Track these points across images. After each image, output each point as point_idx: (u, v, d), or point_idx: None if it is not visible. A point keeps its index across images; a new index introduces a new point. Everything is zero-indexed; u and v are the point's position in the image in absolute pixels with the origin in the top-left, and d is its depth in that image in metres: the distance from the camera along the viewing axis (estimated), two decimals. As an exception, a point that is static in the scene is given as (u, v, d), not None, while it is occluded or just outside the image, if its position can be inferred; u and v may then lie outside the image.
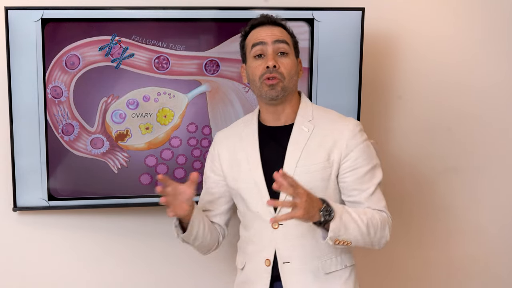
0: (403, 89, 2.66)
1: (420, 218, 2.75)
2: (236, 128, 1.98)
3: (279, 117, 1.89)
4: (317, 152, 1.82)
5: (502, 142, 2.77)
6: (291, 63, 1.84)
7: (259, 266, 1.86)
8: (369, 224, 1.76)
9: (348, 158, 1.82)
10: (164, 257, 2.55)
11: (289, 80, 1.83)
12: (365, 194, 1.83)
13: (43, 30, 2.24)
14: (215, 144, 1.99)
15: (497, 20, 2.69)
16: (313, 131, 1.85)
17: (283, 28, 1.88)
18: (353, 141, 1.83)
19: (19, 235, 2.43)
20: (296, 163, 1.82)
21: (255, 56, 1.85)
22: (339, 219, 1.70)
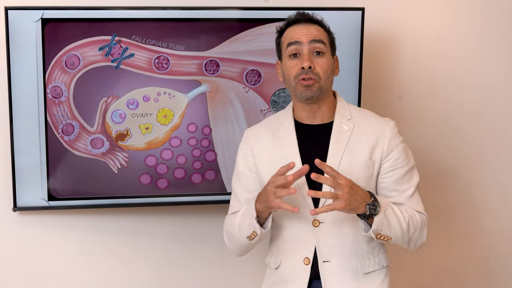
0: (403, 89, 2.66)
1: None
2: (269, 126, 1.93)
3: (315, 115, 1.87)
4: (359, 150, 1.82)
5: (503, 142, 2.77)
6: (327, 62, 1.82)
7: (297, 264, 1.84)
8: (410, 223, 1.78)
9: (389, 157, 1.83)
10: (164, 257, 2.55)
11: (325, 80, 1.81)
12: (405, 195, 1.84)
13: (43, 30, 2.24)
14: (246, 140, 1.94)
15: (497, 19, 2.69)
16: (353, 129, 1.84)
17: (320, 25, 1.86)
18: (394, 141, 1.84)
19: (19, 235, 2.43)
20: (339, 162, 1.80)
21: (290, 55, 1.82)
22: (383, 213, 1.71)
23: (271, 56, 2.38)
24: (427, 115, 2.69)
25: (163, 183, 2.40)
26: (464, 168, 2.76)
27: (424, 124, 2.70)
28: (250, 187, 1.92)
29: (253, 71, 2.40)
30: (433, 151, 2.73)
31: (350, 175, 1.77)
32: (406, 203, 1.84)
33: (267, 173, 1.86)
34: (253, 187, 1.92)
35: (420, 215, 1.84)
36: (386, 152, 1.83)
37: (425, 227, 1.84)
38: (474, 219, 2.81)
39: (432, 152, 2.72)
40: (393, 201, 1.84)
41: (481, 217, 2.81)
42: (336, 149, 1.82)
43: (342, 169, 1.79)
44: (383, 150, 1.83)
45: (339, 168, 1.79)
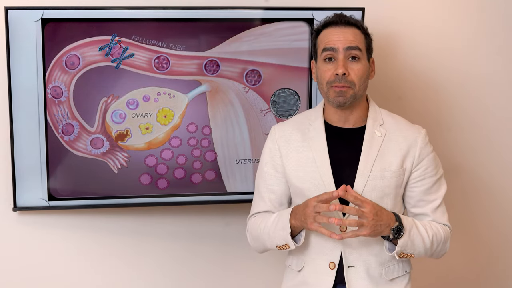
0: (403, 90, 2.66)
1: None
2: (298, 124, 1.91)
3: (347, 119, 1.85)
4: (391, 158, 1.81)
5: (503, 143, 2.77)
6: (362, 68, 1.80)
7: (321, 268, 1.83)
8: (434, 239, 1.79)
9: (419, 167, 1.83)
10: (164, 257, 2.55)
11: (359, 87, 1.80)
12: (432, 206, 1.85)
13: (43, 30, 2.24)
14: (274, 138, 1.92)
15: (497, 19, 2.69)
16: (385, 136, 1.83)
17: (357, 27, 1.83)
18: (425, 150, 1.84)
19: (19, 235, 2.43)
20: (371, 168, 1.79)
21: (325, 59, 1.80)
22: (408, 234, 1.72)
23: (271, 56, 2.39)
24: (427, 115, 2.69)
25: (163, 183, 2.40)
26: (465, 169, 2.76)
27: (424, 124, 2.67)
28: (274, 187, 1.91)
29: (253, 71, 2.40)
30: (434, 151, 2.72)
31: (381, 183, 1.77)
32: (431, 215, 1.85)
33: (294, 174, 1.85)
34: (278, 187, 1.90)
35: (444, 228, 1.85)
36: (417, 161, 1.83)
37: (448, 239, 1.86)
38: (475, 219, 2.81)
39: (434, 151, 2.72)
40: (419, 212, 1.85)
41: (482, 218, 2.81)
42: (368, 155, 1.80)
43: (373, 176, 1.78)
44: (414, 159, 1.83)
45: (370, 174, 1.78)
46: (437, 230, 1.83)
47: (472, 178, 2.77)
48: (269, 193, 1.92)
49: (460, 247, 2.81)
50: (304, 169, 1.83)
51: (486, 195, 2.79)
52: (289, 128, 1.92)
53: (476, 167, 2.76)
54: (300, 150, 1.86)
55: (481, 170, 2.77)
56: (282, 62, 2.40)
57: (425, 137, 1.86)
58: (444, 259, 2.77)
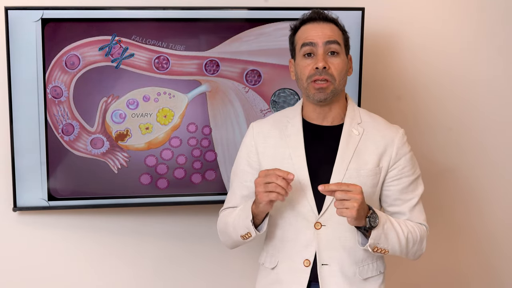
0: (403, 90, 2.66)
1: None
2: (277, 122, 1.90)
3: (325, 117, 1.85)
4: (368, 156, 1.81)
5: (503, 142, 2.77)
6: (341, 63, 1.80)
7: (296, 266, 1.82)
8: (409, 236, 1.78)
9: (396, 166, 1.83)
10: (164, 256, 2.55)
11: (339, 81, 1.79)
12: (408, 205, 1.84)
13: (43, 30, 2.24)
14: (251, 135, 1.91)
15: (497, 19, 2.69)
16: (362, 134, 1.83)
17: (335, 24, 1.83)
18: (402, 149, 1.83)
19: (19, 235, 2.43)
20: (347, 166, 1.79)
21: (304, 55, 1.80)
22: (382, 227, 1.71)
23: (271, 56, 2.39)
24: (427, 115, 2.69)
25: (163, 183, 2.40)
26: (465, 169, 2.76)
27: (424, 124, 2.70)
28: (247, 183, 1.90)
29: (253, 71, 2.40)
30: (433, 151, 2.73)
31: (357, 181, 1.77)
32: (408, 214, 1.84)
33: None
34: (251, 183, 1.88)
35: (421, 227, 1.84)
36: (393, 160, 1.83)
37: (425, 239, 1.85)
38: (474, 219, 2.81)
39: (433, 152, 2.73)
40: (396, 210, 1.84)
41: (481, 217, 2.81)
42: (344, 153, 1.80)
43: (349, 174, 1.78)
44: (391, 158, 1.82)
45: (346, 172, 1.78)
46: (413, 228, 1.80)
47: (472, 178, 2.77)
48: (241, 189, 1.91)
49: (461, 247, 2.81)
50: (280, 166, 1.81)
51: (485, 195, 2.79)
52: (267, 125, 1.92)
53: (476, 167, 2.76)
54: (277, 147, 1.86)
55: (480, 170, 2.77)
56: (282, 62, 2.40)
57: (402, 137, 1.85)
58: (438, 259, 2.78)
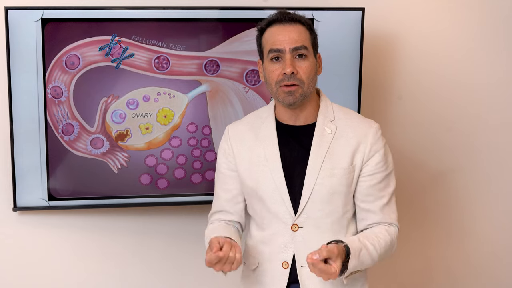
0: (403, 90, 2.66)
1: (420, 218, 2.74)
2: (251, 123, 1.89)
3: (298, 117, 1.83)
4: (341, 155, 1.78)
5: (503, 142, 2.77)
6: (310, 65, 1.77)
7: (275, 268, 1.81)
8: (382, 252, 1.77)
9: (370, 162, 1.80)
10: (164, 256, 2.55)
11: (308, 85, 1.76)
12: (380, 203, 1.80)
13: (43, 30, 2.24)
14: (227, 138, 1.90)
15: (497, 19, 2.69)
16: (335, 132, 1.80)
17: (302, 23, 1.79)
18: (376, 145, 1.80)
19: (19, 235, 2.43)
20: (320, 166, 1.77)
21: (272, 59, 1.78)
22: (357, 259, 1.69)
23: (271, 56, 2.38)
24: (427, 115, 2.69)
25: (163, 183, 2.40)
26: (465, 169, 2.75)
27: (424, 124, 2.70)
28: (229, 186, 1.90)
29: (253, 71, 2.40)
30: (433, 151, 2.72)
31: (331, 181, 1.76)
32: (379, 213, 1.80)
33: (247, 173, 1.84)
34: (233, 186, 1.89)
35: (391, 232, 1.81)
36: (367, 157, 1.79)
37: (395, 244, 1.82)
38: (475, 219, 2.81)
39: (433, 152, 2.72)
40: (367, 207, 1.80)
41: (482, 217, 2.81)
42: (317, 153, 1.78)
43: (323, 174, 1.77)
44: (364, 155, 1.79)
45: (320, 172, 1.77)
46: (385, 241, 1.77)
47: (471, 178, 2.77)
48: (224, 193, 1.91)
49: (460, 247, 2.81)
50: (256, 168, 1.82)
51: (486, 195, 2.79)
52: (242, 127, 1.90)
53: (476, 167, 2.76)
54: (252, 149, 1.85)
55: (481, 170, 2.77)
56: (282, 62, 2.40)
57: (376, 131, 1.81)
58: (441, 258, 2.78)
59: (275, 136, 1.82)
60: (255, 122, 1.88)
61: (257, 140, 1.84)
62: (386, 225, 1.81)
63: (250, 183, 1.83)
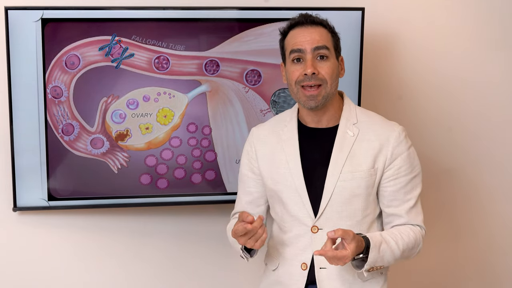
0: (403, 89, 2.66)
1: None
2: (274, 126, 1.91)
3: (320, 120, 1.83)
4: (362, 158, 1.78)
5: (504, 143, 2.77)
6: (331, 66, 1.77)
7: (294, 269, 1.82)
8: (405, 248, 1.76)
9: (392, 166, 1.79)
10: (164, 256, 2.55)
11: (331, 85, 1.77)
12: (406, 207, 1.80)
13: (43, 30, 2.24)
14: (251, 141, 1.92)
15: (498, 19, 2.69)
16: (358, 135, 1.80)
17: (324, 26, 1.80)
18: (398, 148, 1.79)
19: (19, 235, 2.43)
20: (340, 169, 1.77)
21: (293, 60, 1.78)
22: (377, 251, 1.69)
23: (271, 56, 2.38)
24: (428, 115, 2.69)
25: (163, 183, 2.40)
26: (465, 169, 2.75)
27: (424, 123, 2.70)
28: (251, 189, 1.92)
29: (253, 71, 2.40)
30: (434, 151, 2.72)
31: (351, 184, 1.76)
32: (406, 217, 1.80)
33: (269, 175, 1.86)
34: (255, 189, 1.91)
35: (416, 231, 1.81)
36: (389, 160, 1.79)
37: (421, 243, 1.82)
38: (474, 219, 2.81)
39: (433, 152, 2.72)
40: (393, 212, 1.80)
41: (481, 217, 2.81)
42: (338, 156, 1.79)
43: (344, 176, 1.77)
44: (386, 158, 1.79)
45: (341, 175, 1.77)
46: (408, 238, 1.77)
47: (472, 178, 2.77)
48: (245, 195, 1.94)
49: (459, 248, 2.81)
50: (277, 171, 1.83)
51: (486, 195, 2.79)
52: (265, 130, 1.92)
53: (476, 167, 2.76)
54: (275, 152, 1.86)
55: (481, 170, 2.77)
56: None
57: (399, 134, 1.80)
58: (441, 260, 2.78)
59: (296, 138, 1.83)
60: (278, 125, 1.89)
61: (279, 143, 1.85)
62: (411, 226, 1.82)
63: (271, 185, 1.85)
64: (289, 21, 1.84)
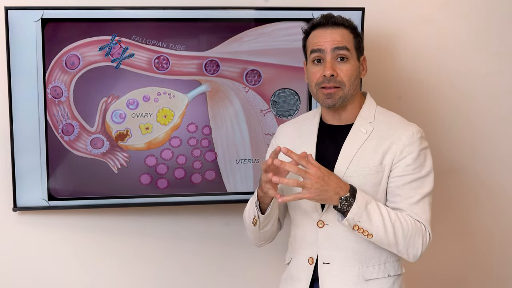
0: (403, 89, 2.66)
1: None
2: (298, 123, 1.96)
3: (340, 117, 1.86)
4: (371, 155, 1.78)
5: (503, 143, 2.77)
6: (351, 68, 1.79)
7: (302, 263, 1.85)
8: (397, 224, 1.71)
9: (400, 164, 1.77)
10: (164, 256, 2.55)
11: (349, 87, 1.79)
12: (408, 202, 1.75)
13: (43, 30, 2.24)
14: (276, 136, 1.99)
15: (497, 19, 2.69)
16: (371, 133, 1.81)
17: (346, 27, 1.82)
18: (409, 147, 1.77)
19: (19, 235, 2.43)
20: (348, 165, 1.78)
21: (313, 61, 1.81)
22: (364, 206, 1.68)
23: (271, 56, 2.39)
24: (427, 115, 2.69)
25: (163, 183, 2.40)
26: (464, 169, 2.75)
27: (424, 123, 2.67)
28: None
29: (253, 71, 2.40)
30: (434, 150, 2.70)
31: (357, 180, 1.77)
32: (407, 209, 1.76)
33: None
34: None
35: (416, 224, 1.74)
36: (398, 158, 1.78)
37: (421, 237, 1.74)
38: (474, 220, 2.81)
39: (434, 151, 2.70)
40: (395, 206, 1.77)
41: (481, 219, 2.81)
42: (347, 152, 1.80)
43: (350, 172, 1.78)
44: (395, 156, 1.78)
45: (347, 171, 1.78)
46: (404, 220, 1.72)
47: (472, 178, 2.77)
48: None
49: (459, 249, 2.81)
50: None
51: (486, 195, 2.79)
52: (289, 126, 1.99)
53: (476, 167, 2.76)
54: (294, 146, 1.87)
55: (481, 170, 2.77)
56: (282, 62, 2.40)
57: (413, 134, 1.79)
58: (443, 260, 2.78)
59: (315, 135, 1.88)
60: (302, 122, 1.95)
61: (299, 138, 1.91)
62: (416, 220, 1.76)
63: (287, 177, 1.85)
64: (312, 21, 1.87)
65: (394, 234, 1.72)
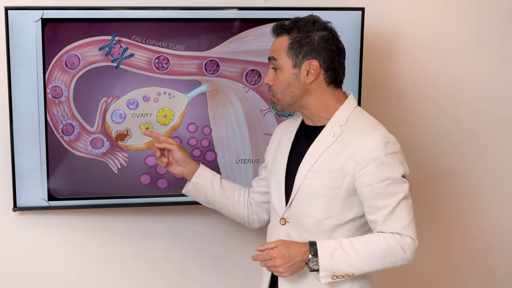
0: (403, 90, 2.66)
1: (418, 220, 2.73)
2: (288, 123, 2.00)
3: (309, 119, 1.87)
4: (334, 159, 1.76)
5: (502, 144, 2.77)
6: (280, 77, 1.80)
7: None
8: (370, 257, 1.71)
9: (364, 172, 1.72)
10: (164, 256, 2.55)
11: (281, 95, 1.81)
12: (383, 213, 1.72)
13: (43, 30, 2.24)
14: (273, 135, 2.05)
15: (497, 21, 2.69)
16: (339, 136, 1.77)
17: (288, 33, 1.79)
18: (372, 154, 1.71)
19: (19, 235, 2.43)
20: (310, 167, 1.79)
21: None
22: (330, 258, 1.69)
23: (271, 56, 2.38)
24: (427, 115, 2.69)
25: (163, 183, 2.40)
26: (464, 170, 2.75)
27: (424, 123, 2.70)
28: (262, 171, 2.06)
29: (253, 71, 2.40)
30: (433, 151, 2.72)
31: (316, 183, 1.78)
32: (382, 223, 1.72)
33: (269, 164, 1.97)
34: (263, 171, 2.05)
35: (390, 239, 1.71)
36: (360, 165, 1.72)
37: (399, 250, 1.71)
38: (473, 222, 2.81)
39: (433, 152, 2.72)
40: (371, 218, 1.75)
41: (480, 221, 2.81)
42: (312, 154, 1.80)
43: (311, 175, 1.78)
44: (357, 163, 1.72)
45: (308, 173, 1.78)
46: (375, 245, 1.70)
47: (471, 180, 2.77)
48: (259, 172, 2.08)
49: (459, 249, 2.81)
50: (274, 160, 1.94)
51: (484, 197, 2.79)
52: (282, 126, 2.02)
53: (477, 167, 2.76)
54: (279, 146, 1.96)
55: (481, 171, 2.77)
56: (282, 62, 2.40)
57: (377, 140, 1.72)
58: (440, 259, 2.78)
59: (293, 135, 1.91)
60: (293, 121, 1.97)
61: (284, 137, 1.95)
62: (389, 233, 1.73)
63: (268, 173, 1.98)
64: None
65: (370, 264, 1.73)
